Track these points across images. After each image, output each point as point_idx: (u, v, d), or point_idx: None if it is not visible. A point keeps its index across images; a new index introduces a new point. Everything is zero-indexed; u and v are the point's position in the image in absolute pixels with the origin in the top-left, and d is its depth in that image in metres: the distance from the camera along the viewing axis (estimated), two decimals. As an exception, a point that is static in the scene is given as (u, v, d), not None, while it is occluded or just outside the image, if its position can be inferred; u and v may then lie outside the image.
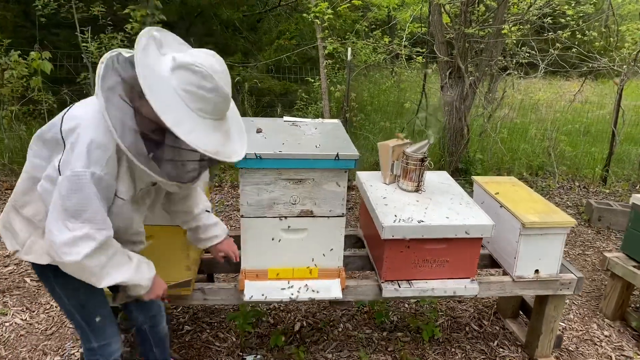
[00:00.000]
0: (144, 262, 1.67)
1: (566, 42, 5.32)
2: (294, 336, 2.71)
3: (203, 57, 1.44)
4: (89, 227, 1.43)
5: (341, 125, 2.57)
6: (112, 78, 1.42)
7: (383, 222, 2.13)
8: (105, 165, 1.43)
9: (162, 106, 1.36)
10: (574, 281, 2.42)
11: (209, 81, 1.41)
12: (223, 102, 1.48)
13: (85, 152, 1.40)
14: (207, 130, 1.45)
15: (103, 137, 1.41)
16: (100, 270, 1.49)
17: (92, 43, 5.02)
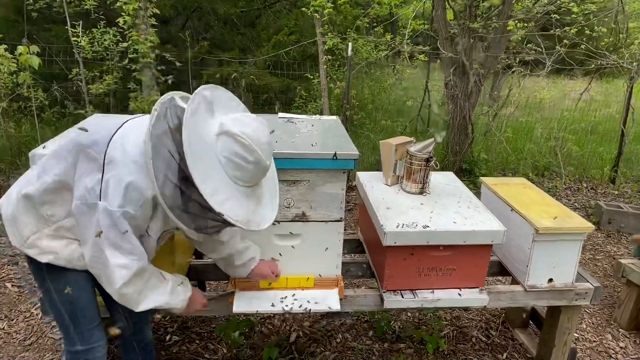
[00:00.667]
0: (179, 282, 1.70)
1: (574, 38, 5.14)
2: (289, 347, 2.54)
3: (250, 127, 1.46)
4: (127, 258, 1.48)
5: (340, 122, 2.39)
6: (162, 127, 1.43)
7: (385, 228, 1.96)
8: (140, 207, 1.45)
9: (201, 175, 1.37)
10: (591, 291, 2.24)
11: (251, 154, 1.44)
12: (261, 173, 1.51)
13: (123, 191, 1.43)
14: (240, 197, 1.47)
15: (142, 182, 1.43)
16: (137, 295, 1.54)
17: (84, 38, 4.85)
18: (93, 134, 1.54)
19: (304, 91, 6.33)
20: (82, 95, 5.02)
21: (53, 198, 1.55)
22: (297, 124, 2.29)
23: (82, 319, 1.66)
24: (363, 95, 7.27)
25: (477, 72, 4.93)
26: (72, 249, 1.57)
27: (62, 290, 1.62)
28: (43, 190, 1.54)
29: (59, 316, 1.66)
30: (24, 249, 1.58)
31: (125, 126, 1.55)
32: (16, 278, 3.06)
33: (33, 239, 1.57)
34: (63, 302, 1.63)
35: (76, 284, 1.62)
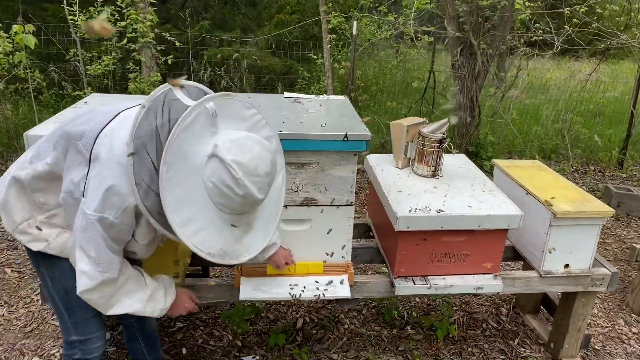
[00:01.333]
0: (161, 289, 1.58)
1: (584, 17, 4.99)
2: (295, 334, 2.49)
3: (248, 155, 1.26)
4: (90, 266, 1.37)
5: (348, 102, 2.30)
6: (149, 127, 1.28)
7: (397, 212, 1.88)
8: (121, 214, 1.32)
9: (175, 201, 1.24)
10: (608, 277, 2.17)
11: (241, 189, 1.26)
12: (250, 206, 1.34)
13: (102, 195, 1.30)
14: (221, 226, 1.32)
15: (125, 187, 1.29)
16: (106, 300, 1.44)
17: (80, 16, 4.70)
18: (83, 123, 1.42)
19: (307, 72, 6.19)
20: (80, 76, 4.90)
21: (45, 186, 1.48)
22: (305, 104, 2.19)
23: (78, 308, 1.58)
24: (367, 76, 7.13)
25: (485, 53, 4.80)
26: (65, 238, 1.51)
27: (55, 278, 1.56)
28: (35, 177, 1.47)
29: (55, 304, 1.61)
30: (15, 234, 1.52)
31: (118, 118, 1.40)
32: (15, 263, 3.00)
33: (24, 226, 1.50)
34: (57, 291, 1.57)
35: (70, 272, 1.51)
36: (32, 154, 1.50)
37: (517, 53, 5.36)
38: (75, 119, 1.47)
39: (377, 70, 7.69)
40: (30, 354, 2.27)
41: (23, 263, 3.00)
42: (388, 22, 5.85)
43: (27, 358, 2.24)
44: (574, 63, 9.36)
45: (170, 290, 1.61)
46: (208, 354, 2.32)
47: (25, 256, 3.06)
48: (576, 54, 8.21)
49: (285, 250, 1.90)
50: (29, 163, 1.48)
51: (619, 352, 2.54)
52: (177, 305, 1.65)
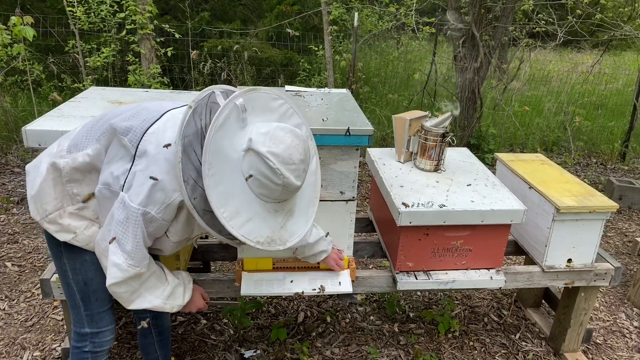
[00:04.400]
0: (181, 286, 1.64)
1: (587, 8, 4.94)
2: (297, 328, 2.48)
3: (282, 145, 1.32)
4: (124, 259, 1.41)
5: (350, 95, 2.27)
6: (195, 127, 1.33)
7: (400, 207, 1.86)
8: (163, 210, 1.37)
9: (220, 196, 1.30)
10: (611, 271, 2.16)
11: (279, 178, 1.32)
12: (290, 193, 1.39)
13: (147, 190, 1.35)
14: (265, 215, 1.38)
15: (170, 183, 1.35)
16: (130, 294, 1.48)
17: (79, 8, 4.66)
18: (129, 118, 1.45)
19: (307, 64, 6.15)
20: (80, 68, 4.86)
21: (81, 177, 1.49)
22: (306, 97, 2.17)
23: (95, 301, 1.60)
24: (369, 68, 7.08)
25: (487, 44, 4.76)
26: (93, 231, 1.52)
27: (77, 270, 1.57)
28: (72, 168, 1.47)
29: (71, 296, 1.61)
30: (44, 223, 1.51)
31: (164, 118, 1.45)
32: (16, 257, 2.99)
33: (54, 215, 1.50)
34: (77, 282, 1.58)
35: (92, 265, 1.56)
36: (69, 144, 1.49)
37: (519, 45, 5.31)
38: (120, 114, 1.48)
39: (379, 62, 7.64)
40: (32, 349, 2.27)
41: (23, 257, 2.99)
42: (389, 13, 5.79)
43: (28, 352, 2.24)
44: (576, 54, 9.30)
45: (189, 286, 1.67)
46: (209, 348, 2.31)
47: (26, 250, 3.05)
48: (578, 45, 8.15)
49: (337, 252, 1.94)
50: (68, 152, 1.48)
51: (620, 346, 2.53)
52: (192, 304, 1.69)
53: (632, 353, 2.49)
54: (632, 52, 9.83)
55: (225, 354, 2.28)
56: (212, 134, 1.29)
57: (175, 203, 1.37)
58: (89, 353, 1.66)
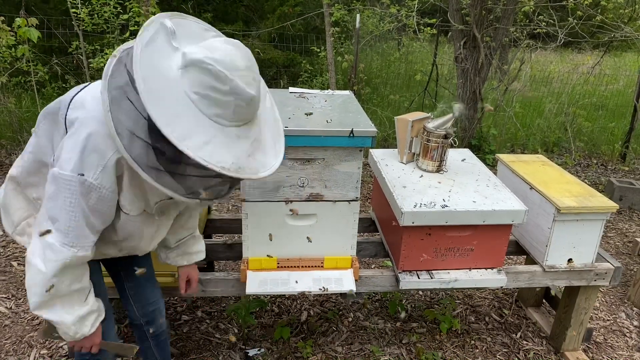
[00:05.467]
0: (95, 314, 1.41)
1: (588, 10, 4.97)
2: (300, 327, 2.51)
3: (221, 51, 1.15)
4: (57, 237, 1.25)
5: (353, 97, 2.30)
6: (123, 76, 1.16)
7: (402, 208, 1.89)
8: (100, 174, 1.22)
9: (165, 116, 1.10)
10: (611, 271, 2.19)
11: (224, 82, 1.13)
12: (246, 106, 1.18)
13: (78, 154, 1.20)
14: (226, 140, 1.17)
15: (102, 141, 1.21)
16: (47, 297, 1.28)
17: (83, 9, 4.69)
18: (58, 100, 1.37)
19: (309, 65, 6.18)
20: (83, 69, 4.89)
21: (36, 180, 1.42)
22: (310, 99, 2.20)
23: None
24: (371, 69, 7.11)
25: (488, 45, 4.79)
26: None
27: None
28: (25, 171, 1.43)
29: None
30: (15, 235, 1.48)
31: (90, 85, 1.34)
32: (22, 257, 3.02)
33: (23, 225, 1.46)
34: None
35: None
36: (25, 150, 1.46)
37: (519, 45, 5.33)
38: None
39: (380, 63, 7.66)
40: (39, 347, 2.29)
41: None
42: (390, 14, 5.83)
43: (35, 350, 2.27)
44: (577, 55, 9.32)
45: (99, 319, 1.44)
46: (214, 346, 2.34)
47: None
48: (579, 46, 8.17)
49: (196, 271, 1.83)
50: (20, 158, 1.45)
51: (620, 345, 2.56)
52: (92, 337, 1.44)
53: (632, 352, 2.52)
54: (632, 53, 9.86)
55: (230, 353, 2.30)
56: (139, 50, 1.12)
57: (112, 164, 1.22)
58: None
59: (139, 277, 1.75)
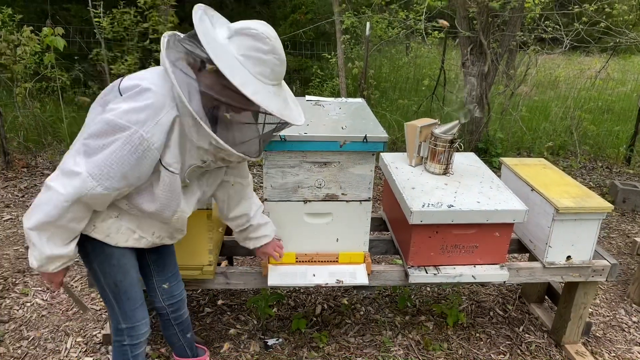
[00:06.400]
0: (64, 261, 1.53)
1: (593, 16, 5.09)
2: (315, 319, 2.68)
3: (256, 23, 1.46)
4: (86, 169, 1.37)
5: (366, 104, 2.47)
6: (175, 52, 1.42)
7: (411, 207, 2.05)
8: (153, 128, 1.38)
9: (228, 69, 1.36)
10: (608, 268, 2.33)
11: (266, 43, 1.42)
12: (280, 65, 1.48)
13: (135, 106, 1.37)
14: (270, 94, 1.45)
15: (161, 99, 1.39)
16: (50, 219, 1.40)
17: (104, 18, 4.91)
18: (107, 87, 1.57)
19: (320, 70, 6.35)
20: (105, 75, 5.11)
21: None
22: (325, 106, 2.37)
23: (126, 300, 1.71)
24: (380, 74, 7.27)
25: (494, 51, 4.93)
26: (110, 223, 1.57)
27: (107, 273, 1.66)
28: None
29: (106, 297, 1.72)
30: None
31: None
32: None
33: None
34: (108, 285, 1.68)
35: (120, 268, 1.66)
36: None
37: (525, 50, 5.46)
38: None
39: (389, 67, 7.83)
40: (74, 335, 2.48)
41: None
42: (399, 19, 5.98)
43: (72, 338, 2.46)
44: (585, 58, 9.42)
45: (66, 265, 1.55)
46: (235, 336, 2.52)
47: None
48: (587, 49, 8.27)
49: (276, 242, 2.05)
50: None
51: (618, 339, 2.70)
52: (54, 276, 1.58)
53: (630, 346, 2.66)
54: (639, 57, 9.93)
55: (250, 342, 2.48)
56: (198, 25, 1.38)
57: (165, 121, 1.39)
58: (127, 346, 1.78)
59: (167, 271, 1.93)
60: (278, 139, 1.91)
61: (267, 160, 2.00)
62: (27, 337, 2.46)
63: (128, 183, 1.43)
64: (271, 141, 1.84)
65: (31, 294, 2.79)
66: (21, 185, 4.21)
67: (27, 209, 1.46)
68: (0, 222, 3.58)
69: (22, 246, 3.28)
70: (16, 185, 4.21)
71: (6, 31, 4.52)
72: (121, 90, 1.44)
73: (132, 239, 1.63)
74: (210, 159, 1.54)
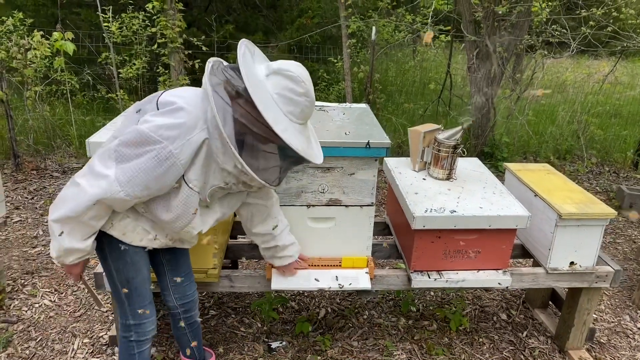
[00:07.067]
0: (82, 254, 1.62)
1: (600, 20, 5.08)
2: (319, 323, 2.70)
3: (294, 65, 1.55)
4: (114, 173, 1.45)
5: (370, 110, 2.49)
6: (216, 79, 1.49)
7: (414, 212, 2.07)
8: (182, 146, 1.45)
9: (262, 103, 1.43)
10: (611, 274, 2.33)
11: (301, 86, 1.52)
12: (310, 107, 1.58)
13: (169, 123, 1.44)
14: (296, 132, 1.54)
15: (193, 119, 1.46)
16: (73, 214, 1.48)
17: (114, 23, 4.97)
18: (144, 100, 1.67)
19: (326, 74, 6.38)
20: (113, 79, 5.17)
21: None
22: (329, 112, 2.39)
23: (137, 297, 1.79)
24: (386, 77, 7.29)
25: (500, 56, 4.93)
26: (126, 222, 1.65)
27: (120, 270, 1.73)
28: None
29: (117, 293, 1.79)
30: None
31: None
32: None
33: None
34: (121, 281, 1.76)
35: (132, 266, 1.73)
36: None
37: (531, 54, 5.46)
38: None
39: (395, 71, 7.84)
40: (81, 336, 2.52)
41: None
42: (406, 22, 6.00)
43: (79, 339, 2.50)
44: (593, 62, 9.36)
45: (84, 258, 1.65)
46: (239, 339, 2.54)
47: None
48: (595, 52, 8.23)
49: (299, 262, 2.14)
50: None
51: (623, 346, 2.69)
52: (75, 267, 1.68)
53: (634, 352, 2.65)
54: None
55: (254, 345, 2.50)
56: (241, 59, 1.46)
57: (195, 140, 1.47)
58: (134, 342, 1.86)
59: (180, 271, 1.97)
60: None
61: (271, 166, 2.02)
62: (35, 338, 2.50)
63: (149, 193, 1.52)
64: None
65: (39, 295, 2.84)
66: (31, 188, 4.28)
67: (53, 201, 1.55)
68: (10, 224, 3.64)
69: (31, 247, 3.34)
70: (26, 188, 4.28)
71: (17, 35, 4.60)
72: (159, 104, 1.52)
73: (146, 239, 1.71)
74: (232, 181, 1.62)
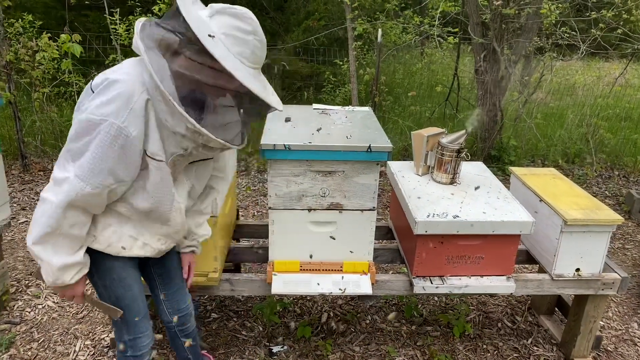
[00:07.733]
0: (79, 268, 1.51)
1: (610, 22, 5.01)
2: (320, 327, 2.68)
3: (239, 6, 1.42)
4: (73, 172, 1.36)
5: (372, 113, 2.47)
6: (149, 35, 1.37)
7: (416, 217, 2.05)
8: (127, 116, 1.35)
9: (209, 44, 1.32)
10: (618, 281, 2.29)
11: (248, 23, 1.39)
12: (261, 49, 1.44)
13: (106, 99, 1.34)
14: (249, 75, 1.40)
15: (130, 86, 1.36)
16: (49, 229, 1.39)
17: (121, 25, 5.00)
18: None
19: (332, 76, 6.37)
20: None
21: None
22: (332, 115, 2.38)
23: (129, 314, 1.69)
24: (394, 79, 7.26)
25: (508, 58, 4.89)
26: (111, 231, 1.55)
27: (107, 287, 1.65)
28: None
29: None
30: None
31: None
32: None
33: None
34: (109, 298, 1.67)
35: (120, 282, 1.64)
36: None
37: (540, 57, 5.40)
38: None
39: (402, 73, 7.80)
40: (83, 338, 2.52)
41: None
42: (413, 24, 5.97)
43: (80, 341, 2.50)
44: (604, 64, 9.25)
45: (83, 271, 1.53)
46: (241, 343, 2.53)
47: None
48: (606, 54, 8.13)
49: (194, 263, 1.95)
50: None
51: (630, 354, 2.64)
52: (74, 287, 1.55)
53: (642, 361, 2.60)
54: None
55: (255, 349, 2.49)
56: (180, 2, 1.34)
57: (139, 106, 1.36)
58: (130, 357, 1.76)
59: (173, 285, 1.89)
60: (282, 147, 1.92)
61: (272, 169, 2.01)
62: (38, 339, 2.51)
63: (117, 178, 1.41)
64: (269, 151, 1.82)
65: (43, 296, 2.85)
66: (37, 189, 4.31)
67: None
68: (16, 225, 3.66)
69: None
70: (32, 189, 4.31)
71: (26, 37, 4.63)
72: (93, 87, 1.41)
73: (136, 247, 1.61)
74: (190, 145, 1.49)
